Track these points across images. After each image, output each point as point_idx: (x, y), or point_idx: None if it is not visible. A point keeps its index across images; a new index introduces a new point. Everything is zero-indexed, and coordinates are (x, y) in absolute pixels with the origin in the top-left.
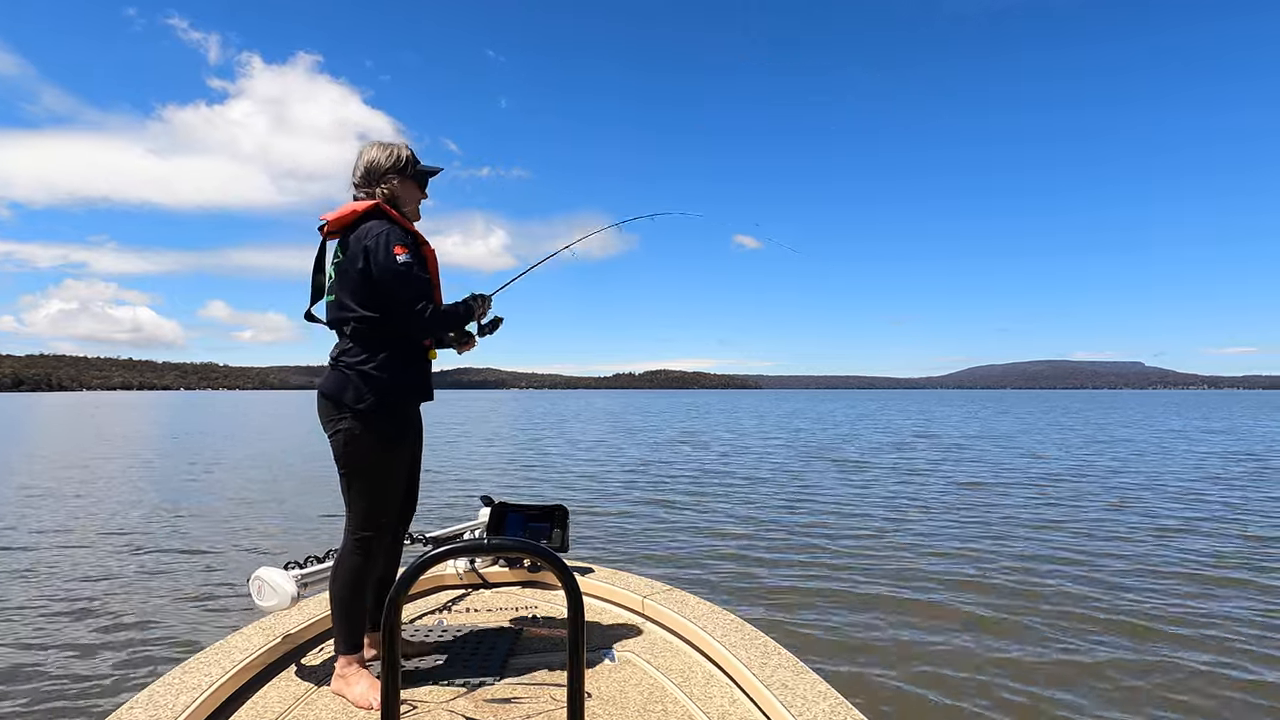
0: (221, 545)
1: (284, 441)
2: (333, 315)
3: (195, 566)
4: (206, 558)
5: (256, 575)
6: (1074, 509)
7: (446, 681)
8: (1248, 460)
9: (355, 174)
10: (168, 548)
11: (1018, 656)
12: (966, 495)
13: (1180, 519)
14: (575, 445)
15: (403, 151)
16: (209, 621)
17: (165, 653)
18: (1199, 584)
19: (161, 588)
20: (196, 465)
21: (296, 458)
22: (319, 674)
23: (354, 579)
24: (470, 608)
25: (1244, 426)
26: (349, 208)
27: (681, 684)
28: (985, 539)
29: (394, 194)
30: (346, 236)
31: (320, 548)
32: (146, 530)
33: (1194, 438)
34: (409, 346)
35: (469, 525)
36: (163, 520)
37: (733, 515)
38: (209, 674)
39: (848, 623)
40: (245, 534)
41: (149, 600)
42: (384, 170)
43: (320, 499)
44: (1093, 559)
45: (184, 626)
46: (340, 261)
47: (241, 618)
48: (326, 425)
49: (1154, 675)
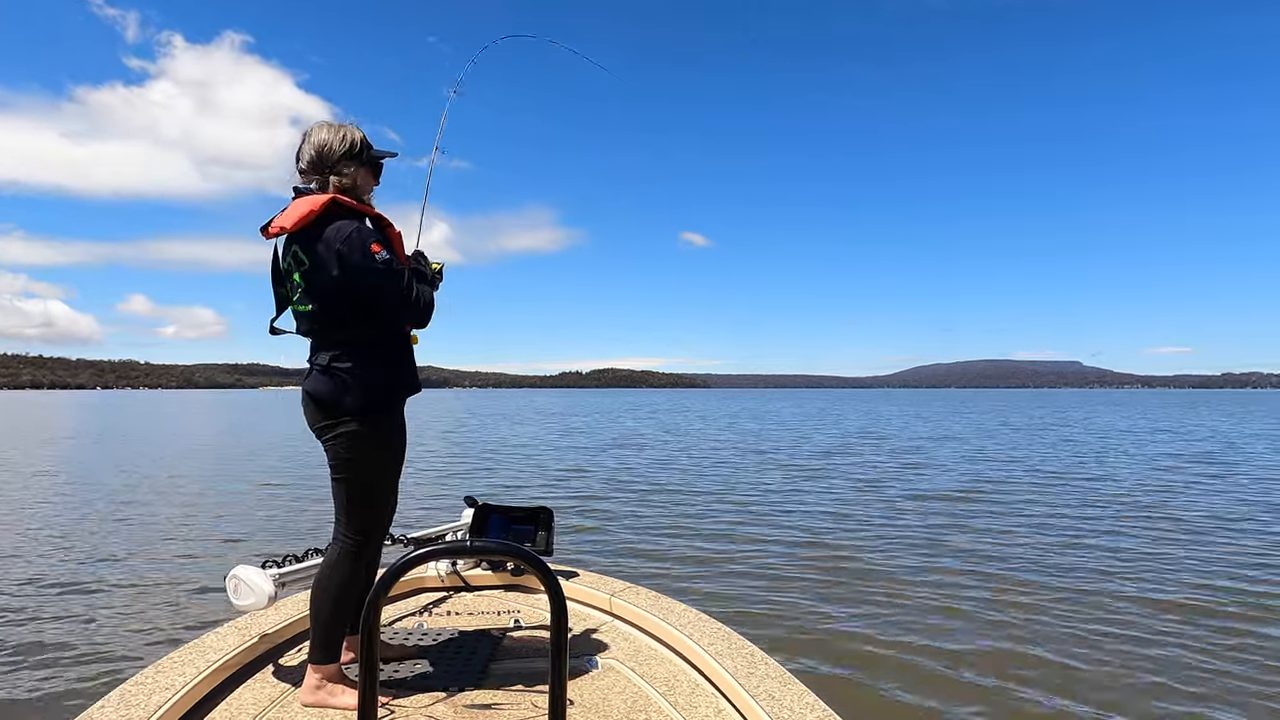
0: (194, 543)
1: (236, 438)
2: (310, 325)
3: (168, 564)
4: (179, 555)
5: (233, 574)
6: (1053, 510)
7: (425, 687)
8: (1205, 460)
9: (301, 159)
10: (136, 548)
11: (1013, 662)
12: (960, 499)
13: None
14: (524, 444)
15: (355, 134)
16: (182, 620)
17: (138, 651)
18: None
19: (133, 587)
20: (157, 464)
21: (252, 454)
22: (296, 675)
23: (345, 585)
24: (451, 611)
25: (1190, 426)
26: (305, 206)
27: (666, 693)
28: (984, 541)
29: (351, 182)
30: (309, 239)
31: (286, 545)
32: (110, 528)
33: (1142, 436)
34: (395, 340)
35: (451, 526)
36: (126, 518)
37: (719, 517)
38: (183, 674)
39: (831, 631)
40: (218, 531)
41: (120, 599)
42: (337, 156)
43: (290, 496)
44: (1076, 562)
45: (157, 625)
46: (308, 269)
47: (217, 617)
48: (322, 430)
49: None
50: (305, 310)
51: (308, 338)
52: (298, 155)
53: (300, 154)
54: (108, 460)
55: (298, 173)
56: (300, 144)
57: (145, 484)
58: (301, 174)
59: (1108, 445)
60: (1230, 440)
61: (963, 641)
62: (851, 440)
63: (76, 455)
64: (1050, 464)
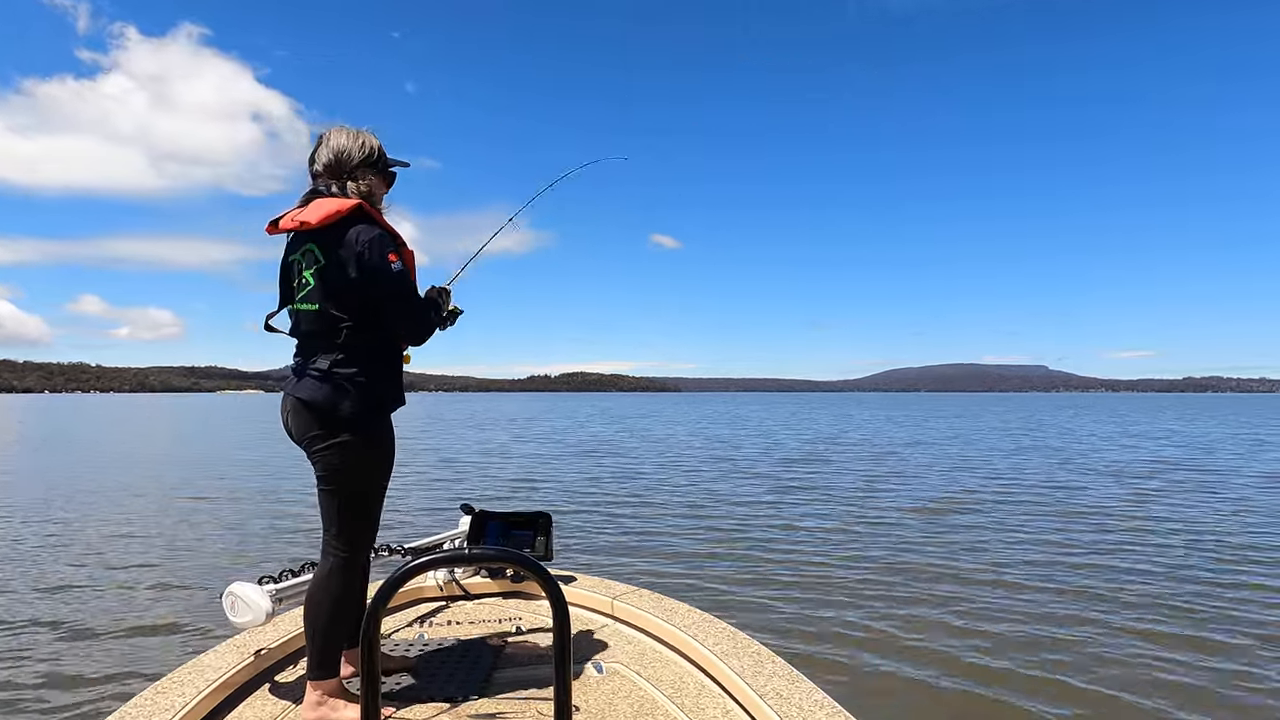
0: (189, 559)
1: (209, 447)
2: (315, 325)
3: (163, 583)
4: (173, 573)
5: (230, 591)
6: (1031, 513)
7: (428, 698)
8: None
9: (317, 162)
10: (131, 563)
11: (1020, 658)
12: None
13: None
14: (500, 450)
15: (373, 142)
16: (180, 640)
17: (137, 672)
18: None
19: (129, 605)
20: (152, 473)
21: (223, 463)
22: (295, 692)
23: (341, 598)
24: (451, 620)
25: (1162, 429)
26: (332, 206)
27: (673, 695)
28: (989, 538)
29: (369, 190)
30: (329, 238)
31: (274, 559)
32: (107, 543)
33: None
34: (392, 353)
35: (449, 535)
36: (123, 532)
37: (711, 518)
38: (182, 694)
39: (838, 629)
40: (214, 546)
41: (116, 619)
42: (355, 162)
43: (279, 510)
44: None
45: (155, 645)
46: (323, 267)
47: (214, 635)
48: (314, 439)
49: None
50: (311, 310)
51: (305, 339)
52: (312, 159)
53: (315, 157)
54: (55, 469)
55: (310, 175)
56: (315, 147)
57: (107, 495)
58: (315, 177)
59: (1107, 455)
60: (1209, 446)
61: (970, 640)
62: (834, 445)
63: (19, 464)
64: (1060, 471)
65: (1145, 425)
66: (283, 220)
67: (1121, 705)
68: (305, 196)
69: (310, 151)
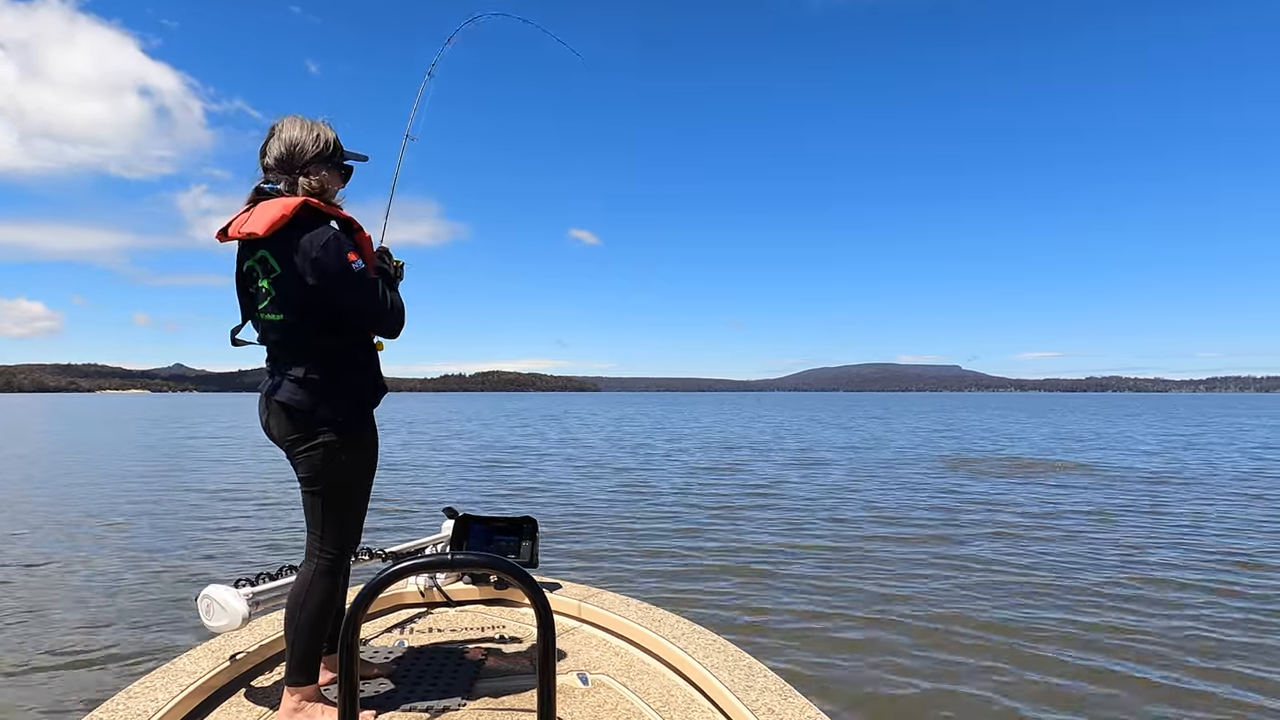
0: (165, 560)
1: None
2: (279, 335)
3: (137, 584)
4: (149, 574)
5: (205, 594)
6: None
7: (407, 706)
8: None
9: (267, 154)
10: (105, 565)
11: (1012, 668)
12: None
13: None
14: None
15: (329, 134)
16: (153, 643)
17: (109, 677)
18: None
19: (102, 607)
20: (107, 476)
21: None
22: (271, 698)
23: (324, 602)
24: (432, 627)
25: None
26: (275, 210)
27: (661, 709)
28: (980, 546)
29: (320, 186)
30: (281, 245)
31: (252, 563)
32: (80, 543)
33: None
34: (365, 348)
35: (431, 539)
36: (98, 532)
37: (700, 525)
38: (155, 699)
39: (828, 644)
40: (190, 547)
41: (88, 621)
42: (308, 156)
43: (255, 511)
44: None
45: (128, 648)
46: (279, 276)
47: (189, 639)
48: (295, 442)
49: None
50: (275, 320)
51: (275, 348)
52: (262, 150)
53: (266, 149)
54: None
55: (262, 169)
56: (266, 139)
57: (114, 497)
58: (266, 171)
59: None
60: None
61: (960, 648)
62: (772, 441)
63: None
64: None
65: (1102, 426)
66: (230, 228)
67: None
68: (252, 195)
69: (261, 143)
